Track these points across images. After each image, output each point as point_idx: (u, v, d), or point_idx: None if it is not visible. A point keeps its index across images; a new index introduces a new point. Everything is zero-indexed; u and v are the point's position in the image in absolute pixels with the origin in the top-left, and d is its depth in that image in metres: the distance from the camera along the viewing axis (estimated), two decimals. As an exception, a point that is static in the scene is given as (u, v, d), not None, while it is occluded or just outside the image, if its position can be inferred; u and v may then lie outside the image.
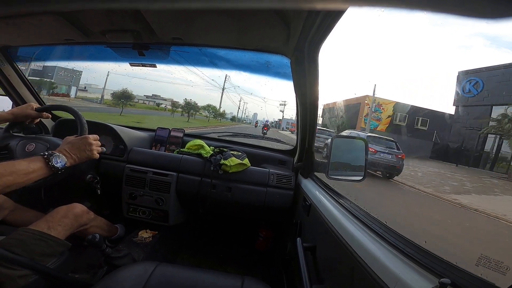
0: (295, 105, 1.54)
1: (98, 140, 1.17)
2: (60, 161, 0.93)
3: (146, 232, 1.69)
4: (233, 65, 1.60)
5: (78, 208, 1.31)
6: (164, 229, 1.75)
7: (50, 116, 1.42)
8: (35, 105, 1.34)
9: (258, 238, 1.99)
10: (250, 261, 1.90)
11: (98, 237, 1.26)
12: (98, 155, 1.13)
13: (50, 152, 0.93)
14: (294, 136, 1.88)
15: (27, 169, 0.88)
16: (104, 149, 1.51)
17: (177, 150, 1.81)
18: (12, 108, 1.89)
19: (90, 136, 1.10)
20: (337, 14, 0.80)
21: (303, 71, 1.24)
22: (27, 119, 1.35)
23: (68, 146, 1.02)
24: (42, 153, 0.93)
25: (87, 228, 1.36)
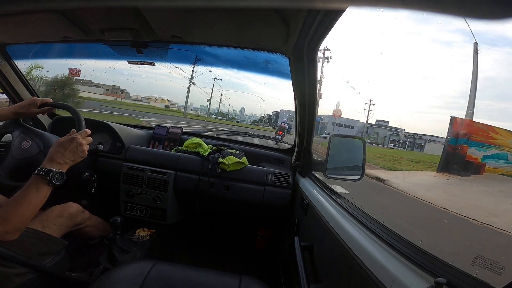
0: (293, 104, 1.54)
1: (92, 136, 1.14)
2: (58, 177, 0.92)
3: (144, 231, 1.69)
4: (232, 64, 1.60)
5: (74, 207, 1.30)
6: (162, 228, 1.75)
7: (54, 110, 1.39)
8: (40, 100, 1.29)
9: (257, 237, 1.99)
10: (248, 260, 1.90)
11: (119, 220, 1.40)
12: (87, 153, 1.08)
13: (45, 169, 0.90)
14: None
15: (38, 200, 0.89)
16: (102, 146, 1.51)
17: (175, 148, 1.80)
18: (9, 105, 1.88)
19: (78, 134, 1.04)
20: (336, 14, 0.81)
21: (302, 70, 1.24)
22: (30, 116, 1.34)
23: (61, 151, 0.98)
24: (41, 173, 0.90)
25: (83, 227, 1.35)
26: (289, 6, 0.68)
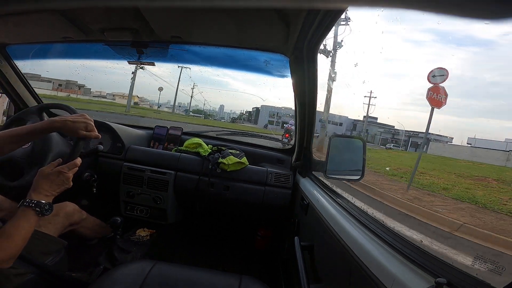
0: (293, 104, 1.54)
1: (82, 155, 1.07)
2: (48, 208, 0.91)
3: (144, 231, 1.69)
4: (231, 64, 1.60)
5: (70, 206, 1.30)
6: (162, 228, 1.75)
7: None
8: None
9: (257, 237, 1.99)
10: (248, 260, 1.90)
11: (119, 220, 1.42)
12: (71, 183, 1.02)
13: (35, 201, 0.89)
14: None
15: (29, 229, 0.88)
16: (102, 147, 1.51)
17: (175, 148, 1.80)
18: (9, 105, 1.88)
19: (65, 167, 0.99)
20: (336, 14, 0.81)
21: (302, 70, 1.24)
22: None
23: (47, 184, 0.95)
24: (31, 205, 0.88)
25: (77, 228, 1.35)
26: (289, 6, 0.68)
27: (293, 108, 1.57)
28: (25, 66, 1.72)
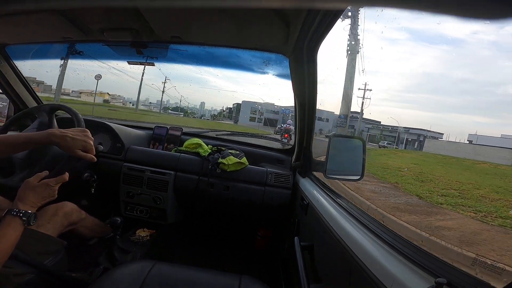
0: (293, 104, 1.54)
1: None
2: (34, 218, 0.92)
3: (144, 231, 1.69)
4: (231, 63, 1.60)
5: (68, 206, 1.29)
6: (162, 228, 1.75)
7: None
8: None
9: (257, 237, 1.99)
10: (248, 260, 1.90)
11: (119, 220, 1.41)
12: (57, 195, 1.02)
13: (23, 211, 0.90)
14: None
15: (16, 237, 0.88)
16: (102, 147, 1.51)
17: (175, 148, 1.80)
18: (8, 106, 1.88)
19: (53, 181, 0.98)
20: (336, 14, 0.81)
21: (302, 70, 1.24)
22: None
23: (34, 196, 0.95)
24: (19, 215, 0.89)
25: (76, 228, 1.34)
26: (289, 6, 0.69)
27: (275, 103, 1.58)
28: (24, 66, 1.72)
